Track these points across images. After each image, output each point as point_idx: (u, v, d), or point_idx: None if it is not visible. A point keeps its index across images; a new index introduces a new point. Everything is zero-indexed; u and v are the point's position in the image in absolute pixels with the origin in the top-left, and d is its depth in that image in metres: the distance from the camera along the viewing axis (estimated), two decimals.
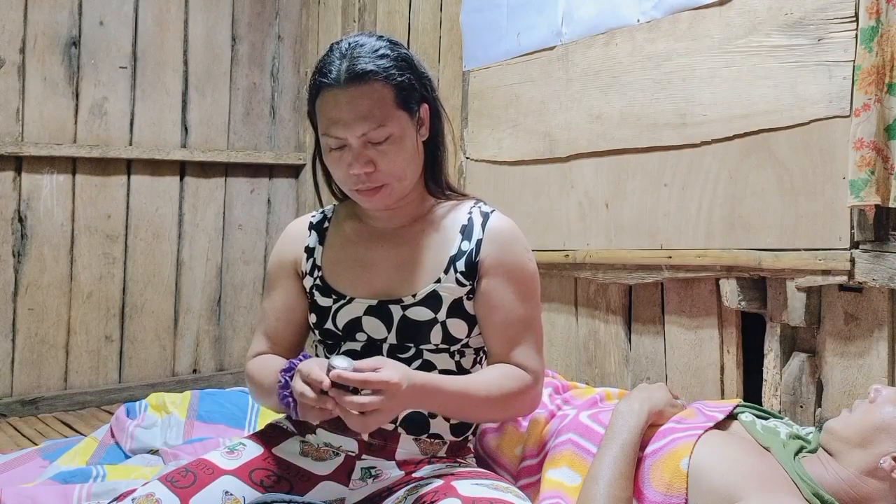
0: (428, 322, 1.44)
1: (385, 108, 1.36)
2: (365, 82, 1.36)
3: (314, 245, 1.55)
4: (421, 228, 1.50)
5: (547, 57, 2.66)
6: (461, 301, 1.46)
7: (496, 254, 1.46)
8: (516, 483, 1.58)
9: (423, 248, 1.48)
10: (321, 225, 1.58)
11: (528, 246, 1.52)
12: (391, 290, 1.46)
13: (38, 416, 3.06)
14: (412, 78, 1.41)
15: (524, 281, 1.48)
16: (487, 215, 1.51)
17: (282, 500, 1.26)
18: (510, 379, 1.42)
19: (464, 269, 1.46)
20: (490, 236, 1.47)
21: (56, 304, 3.18)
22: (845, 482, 1.37)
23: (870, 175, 1.81)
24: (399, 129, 1.39)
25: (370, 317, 1.46)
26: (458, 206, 1.53)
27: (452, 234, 1.49)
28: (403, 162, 1.41)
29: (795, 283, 1.99)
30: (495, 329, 1.46)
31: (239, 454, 1.42)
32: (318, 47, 3.71)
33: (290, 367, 1.34)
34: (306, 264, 1.54)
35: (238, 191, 3.63)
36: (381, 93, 1.37)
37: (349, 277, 1.49)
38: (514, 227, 1.52)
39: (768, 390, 2.09)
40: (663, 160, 2.31)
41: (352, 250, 1.52)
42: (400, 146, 1.39)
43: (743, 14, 2.12)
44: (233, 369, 3.59)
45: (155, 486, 1.31)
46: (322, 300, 1.50)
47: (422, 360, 1.46)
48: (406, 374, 1.26)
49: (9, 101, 3.05)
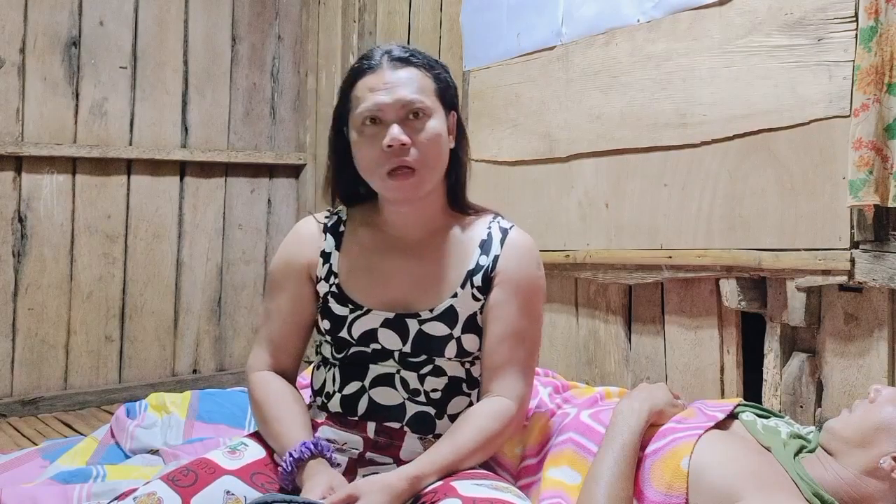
0: (444, 337, 1.45)
1: (426, 91, 1.41)
2: (407, 65, 1.41)
3: (331, 250, 1.52)
4: (440, 241, 1.50)
5: (547, 57, 2.66)
6: (475, 316, 1.47)
7: (510, 268, 1.47)
8: (516, 483, 1.58)
9: (441, 262, 1.48)
10: (337, 228, 1.55)
11: (541, 264, 1.53)
12: (408, 304, 1.46)
13: (38, 416, 3.06)
14: (450, 83, 1.46)
15: (529, 296, 1.48)
16: (506, 231, 1.51)
17: (282, 499, 1.26)
18: (493, 420, 1.41)
19: (480, 283, 1.47)
20: (507, 252, 1.48)
21: (56, 304, 3.18)
22: (845, 482, 1.37)
23: (868, 175, 1.81)
24: (440, 118, 1.42)
25: (386, 329, 1.46)
26: (477, 221, 1.53)
27: (471, 248, 1.49)
28: (436, 151, 1.41)
29: (795, 283, 1.99)
30: (491, 340, 1.46)
31: (241, 454, 1.42)
32: (318, 47, 3.71)
33: (300, 457, 1.35)
34: (322, 269, 1.52)
35: (238, 191, 3.63)
36: (423, 78, 1.42)
37: (366, 287, 1.48)
38: (532, 244, 1.52)
39: (768, 390, 2.09)
40: (663, 160, 2.31)
41: (368, 259, 1.50)
42: (436, 132, 1.40)
43: (743, 14, 2.12)
44: (233, 369, 3.59)
45: (157, 484, 1.31)
46: (338, 308, 1.48)
47: (433, 366, 1.46)
48: (387, 491, 1.26)
49: (9, 101, 3.05)
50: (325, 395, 1.51)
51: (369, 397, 1.46)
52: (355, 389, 1.47)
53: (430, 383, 1.47)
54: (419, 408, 1.46)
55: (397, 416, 1.45)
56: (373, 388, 1.46)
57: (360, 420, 1.46)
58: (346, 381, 1.48)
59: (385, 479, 1.30)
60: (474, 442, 1.39)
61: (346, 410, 1.47)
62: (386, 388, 1.46)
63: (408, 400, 1.46)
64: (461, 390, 1.50)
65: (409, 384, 1.46)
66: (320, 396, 1.52)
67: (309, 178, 3.76)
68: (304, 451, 1.35)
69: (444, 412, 1.47)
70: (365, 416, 1.45)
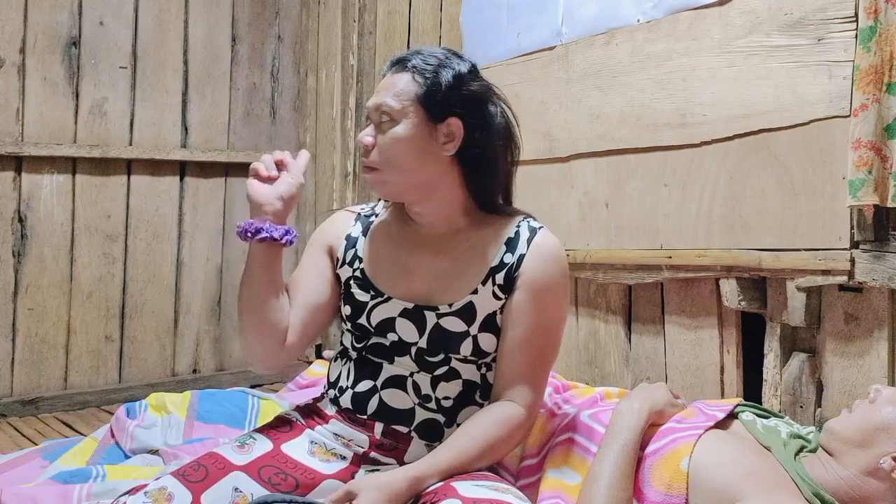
0: (460, 334, 1.45)
1: (402, 97, 1.43)
2: (402, 70, 1.46)
3: (357, 235, 1.57)
4: (465, 238, 1.50)
5: (547, 57, 2.66)
6: (494, 315, 1.46)
7: (535, 271, 1.46)
8: (516, 483, 1.58)
9: (465, 259, 1.48)
10: (368, 218, 1.60)
11: (566, 270, 1.51)
12: (429, 297, 1.47)
13: (38, 416, 3.06)
14: (448, 88, 1.43)
15: (551, 305, 1.47)
16: (535, 231, 1.50)
17: (282, 499, 1.26)
18: (500, 427, 1.41)
19: (502, 282, 1.46)
20: (534, 252, 1.47)
21: (56, 304, 3.18)
22: (845, 482, 1.38)
23: (867, 175, 1.81)
24: (409, 123, 1.42)
25: (404, 319, 1.47)
26: (507, 220, 1.52)
27: (496, 246, 1.48)
28: (400, 154, 1.42)
29: (795, 283, 1.99)
30: (509, 344, 1.45)
31: (249, 448, 1.43)
32: (318, 47, 3.71)
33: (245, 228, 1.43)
34: (345, 252, 1.55)
35: (238, 191, 3.63)
36: (408, 83, 1.43)
37: (389, 276, 1.50)
38: (560, 248, 1.51)
39: (768, 390, 2.09)
40: (663, 160, 2.31)
41: (394, 250, 1.52)
42: (395, 137, 1.42)
43: (743, 14, 2.12)
44: (233, 369, 3.59)
45: (167, 480, 1.33)
46: (360, 294, 1.51)
47: (448, 367, 1.47)
48: (385, 489, 1.27)
49: (9, 101, 3.05)
50: (339, 388, 1.52)
51: (380, 398, 1.46)
52: (367, 388, 1.48)
53: (443, 390, 1.46)
54: (429, 414, 1.46)
55: (406, 421, 1.45)
56: (384, 388, 1.47)
57: (368, 419, 1.46)
58: (359, 378, 1.49)
59: (384, 478, 1.30)
60: (478, 449, 1.39)
61: (356, 408, 1.48)
62: (397, 390, 1.46)
63: (418, 405, 1.46)
64: (473, 400, 1.50)
65: (421, 389, 1.46)
66: (333, 389, 1.53)
67: (309, 179, 3.76)
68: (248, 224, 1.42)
69: (453, 421, 1.47)
70: (374, 416, 1.46)
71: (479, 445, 1.39)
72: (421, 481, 1.32)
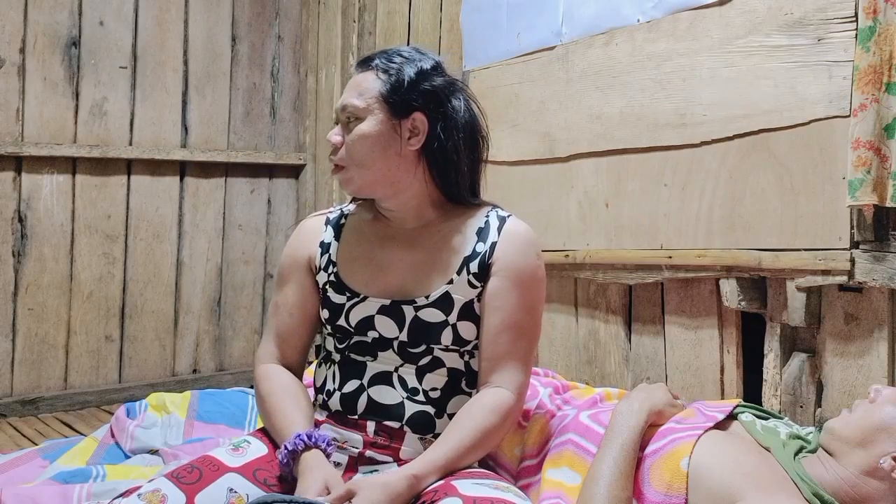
0: (439, 324, 1.46)
1: (366, 94, 1.46)
2: (367, 69, 1.49)
3: (329, 240, 1.58)
4: (436, 231, 1.52)
5: (547, 57, 2.66)
6: (472, 304, 1.48)
7: (508, 256, 1.48)
8: (516, 483, 1.58)
9: (438, 250, 1.50)
10: (338, 221, 1.61)
11: (540, 253, 1.53)
12: (405, 291, 1.48)
13: (38, 416, 3.06)
14: (410, 84, 1.46)
15: (529, 287, 1.49)
16: (504, 219, 1.52)
17: (282, 499, 1.26)
18: (492, 414, 1.42)
19: (476, 270, 1.48)
20: (505, 238, 1.49)
21: (56, 304, 3.18)
22: (845, 482, 1.37)
23: (866, 175, 1.81)
24: (374, 120, 1.45)
25: (383, 316, 1.48)
26: (475, 211, 1.54)
27: (468, 236, 1.50)
28: (364, 152, 1.45)
29: (795, 283, 1.99)
30: (490, 331, 1.47)
31: (244, 452, 1.43)
32: (318, 47, 3.71)
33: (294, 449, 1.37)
34: (321, 259, 1.56)
35: (238, 191, 3.63)
36: (372, 81, 1.47)
37: (363, 276, 1.51)
38: (530, 232, 1.53)
39: (768, 390, 2.09)
40: (663, 160, 2.31)
41: (367, 248, 1.54)
42: (360, 134, 1.45)
43: (743, 14, 2.12)
44: (233, 369, 3.59)
45: (161, 482, 1.33)
46: (336, 297, 1.52)
47: (432, 357, 1.48)
48: (384, 489, 1.27)
49: (9, 101, 3.05)
50: (326, 392, 1.52)
51: (368, 396, 1.47)
52: (354, 388, 1.48)
53: (429, 381, 1.47)
54: (419, 407, 1.46)
55: (396, 416, 1.45)
56: (371, 386, 1.47)
57: (359, 419, 1.47)
58: (345, 379, 1.50)
59: (383, 478, 1.30)
60: (473, 440, 1.39)
61: (345, 409, 1.48)
62: (384, 386, 1.47)
63: (407, 399, 1.46)
64: (461, 389, 1.50)
65: (408, 383, 1.47)
66: (321, 394, 1.54)
67: (309, 179, 3.76)
68: (299, 443, 1.37)
69: (443, 411, 1.48)
70: (364, 414, 1.46)
71: (473, 436, 1.39)
72: (420, 480, 1.32)
